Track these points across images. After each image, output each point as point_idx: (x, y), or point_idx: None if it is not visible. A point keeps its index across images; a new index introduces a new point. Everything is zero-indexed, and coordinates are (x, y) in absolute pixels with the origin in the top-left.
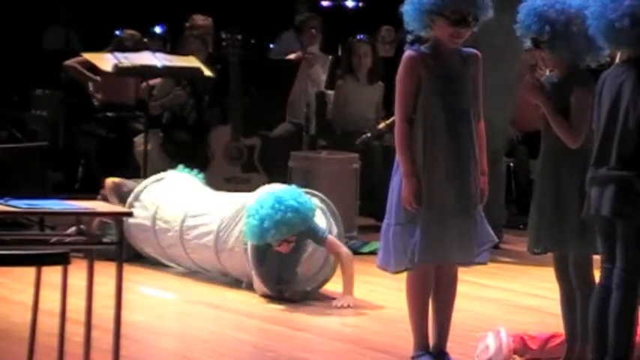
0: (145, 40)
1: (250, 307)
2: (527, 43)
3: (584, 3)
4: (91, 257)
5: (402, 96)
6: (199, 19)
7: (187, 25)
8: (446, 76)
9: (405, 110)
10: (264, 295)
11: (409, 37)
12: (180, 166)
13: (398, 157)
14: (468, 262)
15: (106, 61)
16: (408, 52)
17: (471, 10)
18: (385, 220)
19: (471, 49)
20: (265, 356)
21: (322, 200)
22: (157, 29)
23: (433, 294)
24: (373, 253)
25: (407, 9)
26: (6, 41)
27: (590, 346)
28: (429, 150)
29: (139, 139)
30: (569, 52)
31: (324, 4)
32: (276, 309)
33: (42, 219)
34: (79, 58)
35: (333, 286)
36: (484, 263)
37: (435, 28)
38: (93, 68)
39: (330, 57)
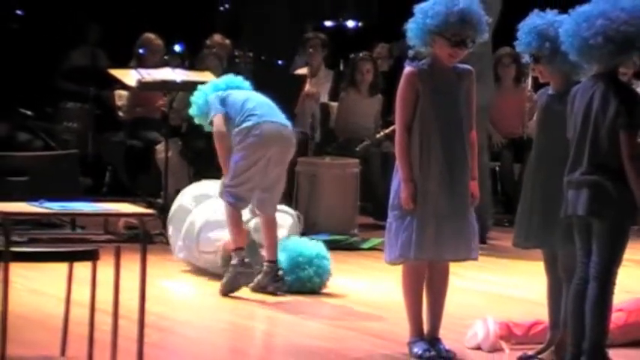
0: (166, 57)
1: (262, 297)
2: (525, 59)
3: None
4: (118, 253)
5: (401, 108)
6: (219, 39)
7: (208, 43)
8: (441, 90)
9: (405, 121)
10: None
11: (410, 53)
12: None
13: (397, 163)
14: (461, 259)
15: (131, 77)
16: (407, 68)
17: (470, 33)
18: (388, 220)
19: (465, 66)
20: (275, 342)
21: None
22: (177, 47)
23: (427, 287)
24: (373, 249)
25: (411, 27)
26: (39, 60)
27: (569, 331)
28: (425, 157)
29: (160, 147)
30: (569, 66)
31: (327, 24)
32: (286, 300)
33: (73, 220)
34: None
35: (337, 280)
36: (475, 258)
37: (435, 47)
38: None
39: (333, 72)
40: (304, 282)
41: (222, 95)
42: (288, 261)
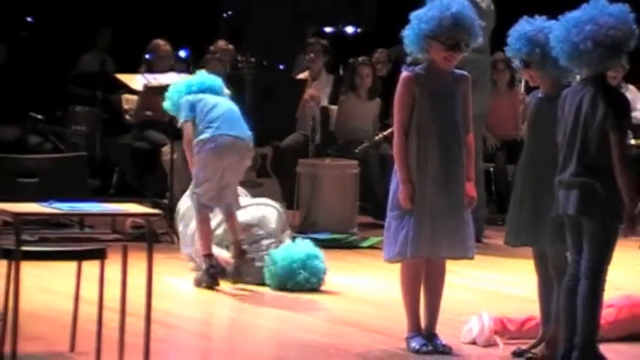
0: (171, 62)
1: (263, 294)
2: (515, 63)
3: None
4: (125, 252)
5: (399, 112)
6: (223, 44)
7: (212, 48)
8: (438, 94)
9: (402, 124)
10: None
11: (408, 59)
12: None
13: (396, 165)
14: (457, 257)
15: (137, 82)
16: (404, 73)
17: (464, 36)
18: (387, 219)
19: (461, 71)
20: (276, 337)
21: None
22: (182, 53)
23: (424, 284)
24: (371, 247)
25: (408, 33)
26: (50, 65)
27: (561, 327)
28: (422, 159)
29: (165, 149)
30: (559, 70)
31: (327, 30)
32: (286, 296)
33: (82, 219)
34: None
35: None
36: (471, 258)
37: (431, 51)
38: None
39: (333, 76)
40: (303, 284)
41: (193, 100)
42: (283, 270)
